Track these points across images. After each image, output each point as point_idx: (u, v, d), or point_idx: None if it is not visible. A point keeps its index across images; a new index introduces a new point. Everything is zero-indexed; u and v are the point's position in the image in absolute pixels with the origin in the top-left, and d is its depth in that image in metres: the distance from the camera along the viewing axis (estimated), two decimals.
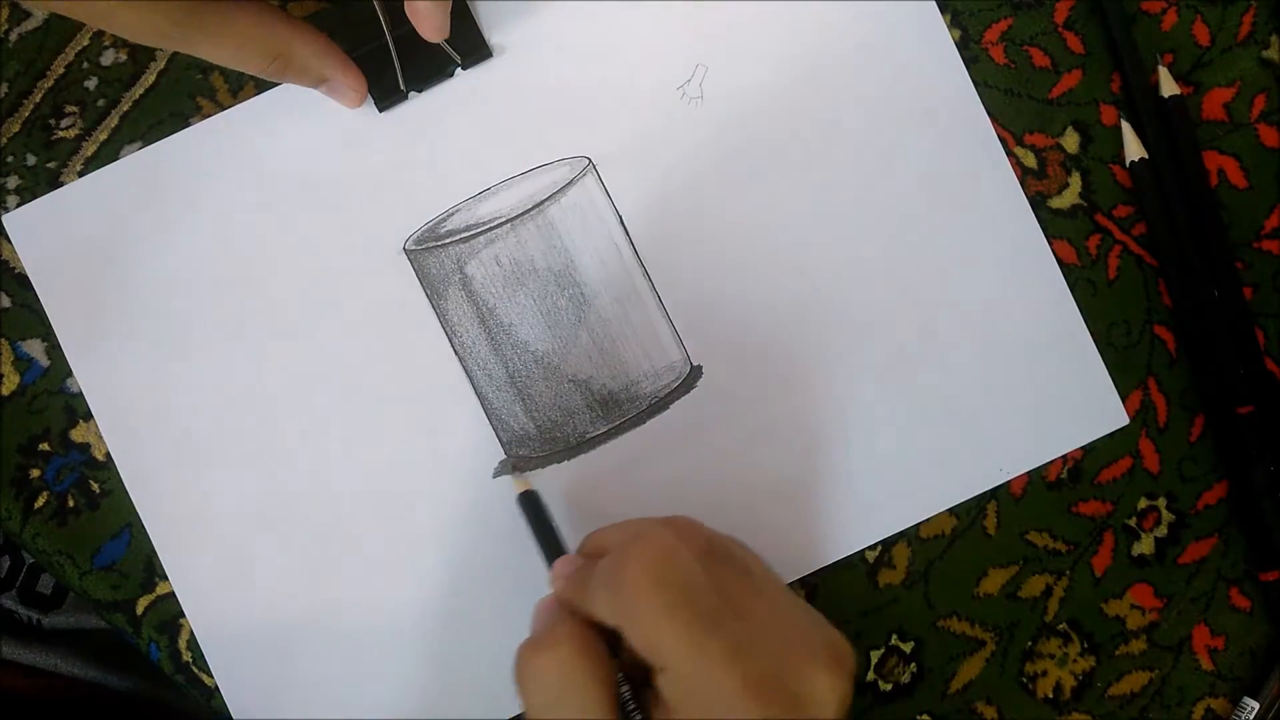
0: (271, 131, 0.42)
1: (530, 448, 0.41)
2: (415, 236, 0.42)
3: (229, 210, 0.42)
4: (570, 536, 0.39)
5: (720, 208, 0.42)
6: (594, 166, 0.41)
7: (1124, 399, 0.42)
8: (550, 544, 0.38)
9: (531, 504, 0.39)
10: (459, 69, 0.42)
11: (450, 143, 0.42)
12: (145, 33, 0.36)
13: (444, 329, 0.41)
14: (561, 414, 0.41)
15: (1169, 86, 0.41)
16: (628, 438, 0.41)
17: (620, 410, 0.41)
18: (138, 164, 0.42)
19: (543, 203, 0.40)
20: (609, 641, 0.32)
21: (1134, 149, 0.41)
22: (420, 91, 0.42)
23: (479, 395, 0.41)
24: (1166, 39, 0.42)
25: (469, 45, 0.41)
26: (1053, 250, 0.42)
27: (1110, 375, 0.41)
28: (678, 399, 0.41)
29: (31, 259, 0.42)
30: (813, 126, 0.42)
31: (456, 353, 0.41)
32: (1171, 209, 0.41)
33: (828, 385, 0.41)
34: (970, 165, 0.42)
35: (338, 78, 0.40)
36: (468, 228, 0.41)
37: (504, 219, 0.40)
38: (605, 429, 0.41)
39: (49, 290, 0.42)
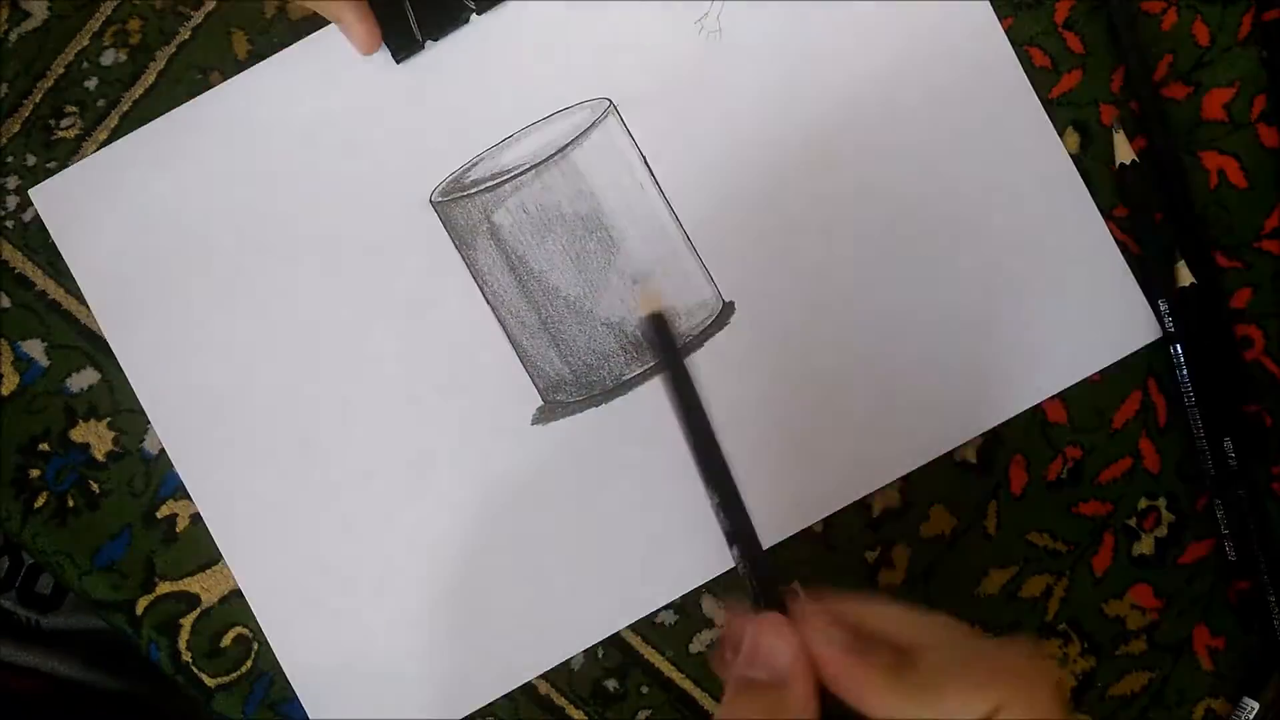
0: (292, 90, 0.42)
1: (567, 392, 0.41)
2: (441, 188, 0.42)
3: (251, 172, 0.42)
4: (612, 485, 0.40)
5: (744, 142, 0.41)
6: (615, 107, 0.41)
7: (1124, 399, 0.42)
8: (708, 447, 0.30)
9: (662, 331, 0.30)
10: (474, 14, 0.41)
11: (470, 91, 0.42)
12: None
13: (474, 279, 0.41)
14: (596, 357, 0.41)
15: (1185, 276, 0.41)
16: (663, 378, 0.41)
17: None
18: (159, 131, 0.42)
19: (566, 147, 0.40)
20: None
21: (1124, 152, 0.41)
22: (436, 40, 0.41)
23: (513, 343, 0.41)
24: (1166, 39, 0.42)
25: None
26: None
27: (1111, 375, 0.41)
28: (711, 336, 0.41)
29: (61, 232, 0.42)
30: (837, 56, 0.41)
31: (488, 302, 0.41)
32: (1175, 207, 0.42)
33: (862, 313, 0.41)
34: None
35: (349, 21, 0.39)
36: (493, 176, 0.41)
37: (528, 165, 0.40)
38: (641, 370, 0.41)
39: (80, 262, 0.42)
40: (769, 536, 0.41)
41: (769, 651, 0.29)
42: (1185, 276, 0.41)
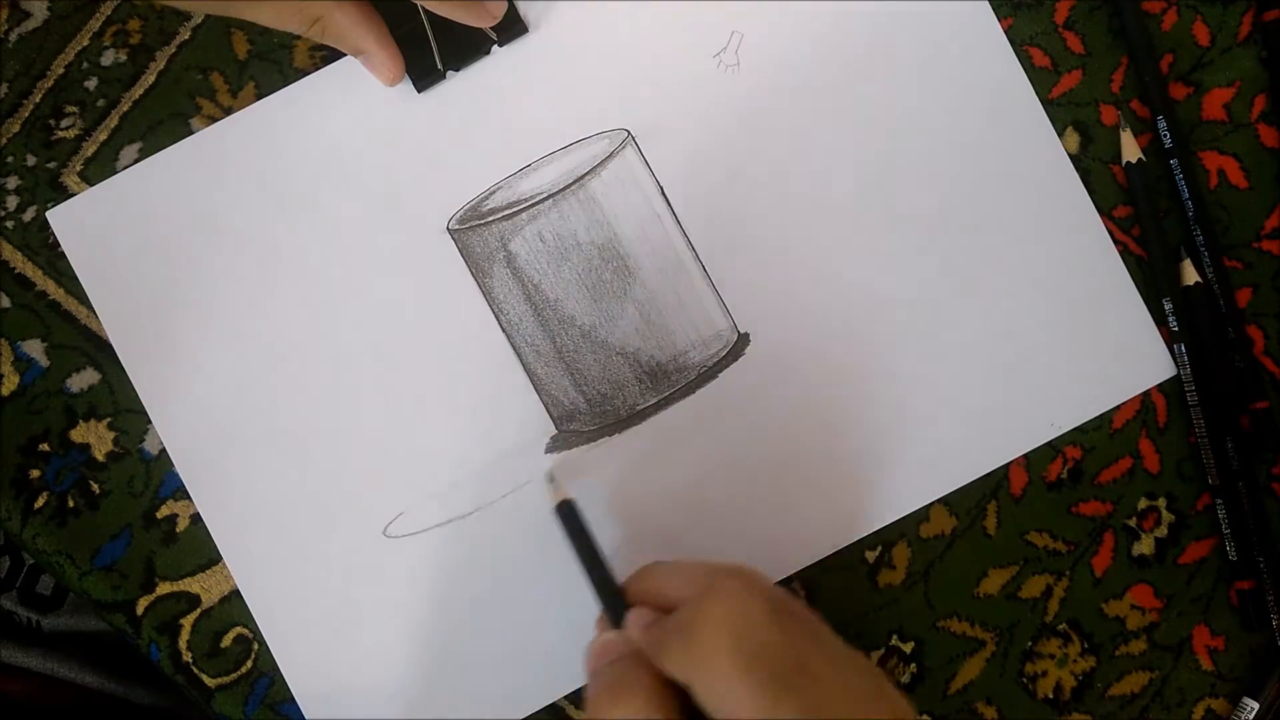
0: (312, 118, 0.42)
1: (581, 422, 0.41)
2: (458, 216, 0.42)
3: (270, 197, 0.42)
4: (622, 520, 0.40)
5: (761, 175, 0.42)
6: (633, 138, 0.42)
7: (1124, 398, 0.42)
8: (596, 569, 0.37)
9: (570, 517, 0.38)
10: (495, 46, 0.42)
11: (489, 120, 0.42)
12: None
13: (490, 307, 0.42)
14: (611, 387, 0.41)
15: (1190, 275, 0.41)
16: (677, 408, 0.41)
17: (669, 381, 0.41)
18: (177, 157, 0.42)
19: (583, 177, 0.40)
20: (680, 697, 0.32)
21: (1130, 150, 0.41)
22: (458, 70, 0.42)
23: (528, 371, 0.42)
24: (1166, 39, 0.42)
25: (505, 22, 0.41)
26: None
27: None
28: (726, 367, 0.41)
29: (77, 253, 0.42)
30: (852, 91, 0.42)
31: (504, 330, 0.42)
32: (1181, 204, 0.42)
33: (876, 345, 0.41)
34: (1012, 131, 0.42)
35: (372, 51, 0.40)
36: (510, 205, 0.41)
37: (545, 194, 0.40)
38: (655, 400, 0.41)
39: (94, 281, 0.42)
40: (781, 570, 0.41)
41: (605, 647, 0.35)
42: (1190, 275, 0.41)
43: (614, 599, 0.37)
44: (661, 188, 0.42)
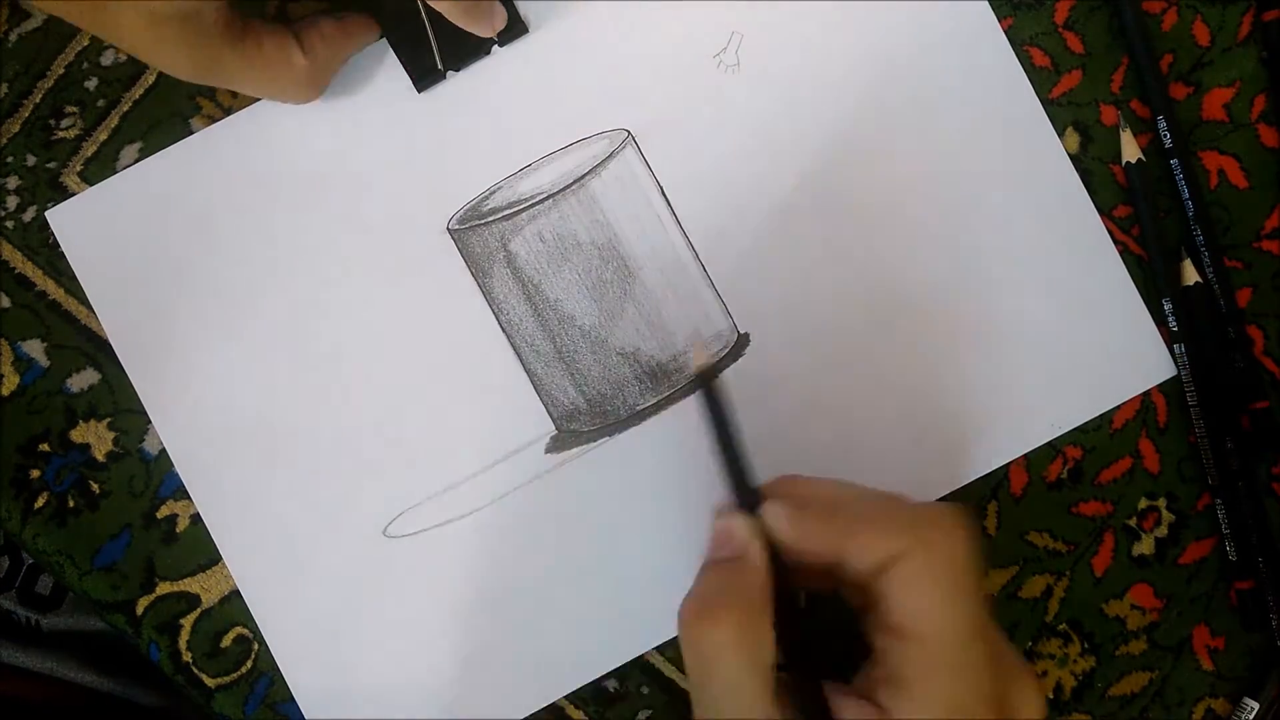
0: (312, 118, 0.42)
1: (581, 422, 0.41)
2: (458, 216, 0.42)
3: (270, 198, 0.42)
4: (621, 517, 0.40)
5: (761, 175, 0.42)
6: (633, 138, 0.42)
7: (1124, 399, 0.42)
8: (731, 451, 0.35)
9: (713, 395, 0.35)
10: (495, 46, 0.42)
11: (489, 121, 0.42)
12: (178, 71, 0.37)
13: (490, 307, 0.42)
14: (611, 387, 0.41)
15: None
16: (677, 408, 0.41)
17: (669, 381, 0.41)
18: (178, 157, 0.42)
19: (583, 177, 0.40)
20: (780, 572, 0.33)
21: (1130, 150, 0.41)
22: (458, 71, 0.42)
23: (528, 371, 0.42)
24: (1166, 39, 0.42)
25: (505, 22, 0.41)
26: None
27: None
28: (726, 367, 0.41)
29: (76, 254, 0.42)
30: (852, 92, 0.42)
31: (504, 330, 0.42)
32: (1181, 204, 0.42)
33: (876, 345, 0.41)
34: (1012, 131, 0.42)
35: (356, 42, 0.41)
36: (510, 205, 0.41)
37: (545, 194, 0.40)
38: (655, 400, 0.41)
39: (94, 282, 0.42)
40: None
41: (727, 532, 0.34)
42: (1190, 275, 0.41)
43: (748, 489, 0.35)
44: (661, 188, 0.42)
